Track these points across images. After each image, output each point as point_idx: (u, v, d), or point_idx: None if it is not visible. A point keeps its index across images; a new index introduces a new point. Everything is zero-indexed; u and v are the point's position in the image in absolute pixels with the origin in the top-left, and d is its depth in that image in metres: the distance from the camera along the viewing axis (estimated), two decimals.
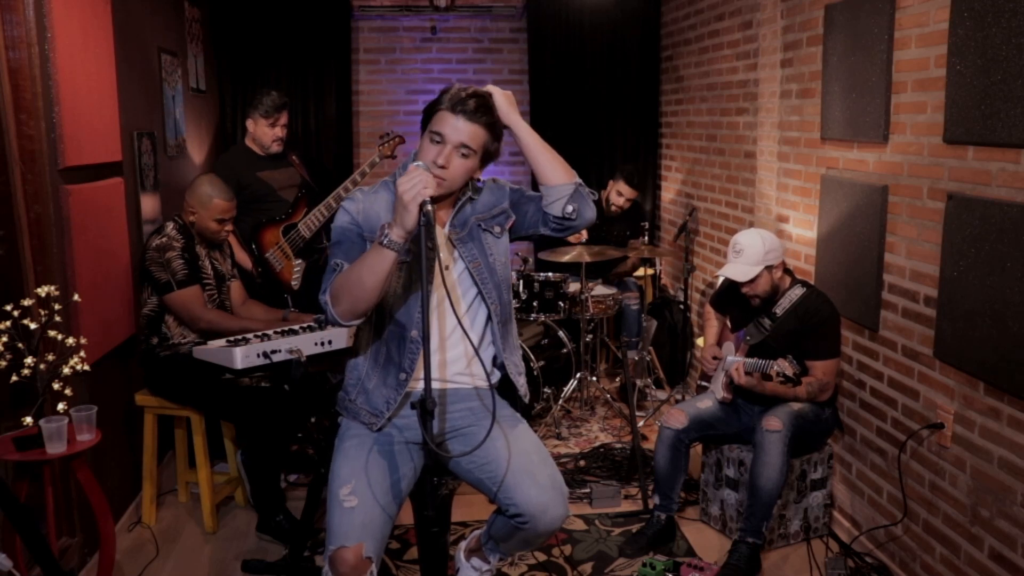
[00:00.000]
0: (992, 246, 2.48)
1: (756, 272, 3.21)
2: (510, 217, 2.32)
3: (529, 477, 2.17)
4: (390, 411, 2.24)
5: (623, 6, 5.71)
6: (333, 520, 2.11)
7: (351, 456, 2.21)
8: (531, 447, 2.26)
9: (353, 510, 2.10)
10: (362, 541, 2.07)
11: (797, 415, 3.19)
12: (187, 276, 3.35)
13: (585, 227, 2.36)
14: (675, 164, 5.57)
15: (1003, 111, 2.40)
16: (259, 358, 3.12)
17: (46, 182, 2.84)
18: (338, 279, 2.10)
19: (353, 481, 2.14)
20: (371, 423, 2.26)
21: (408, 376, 2.22)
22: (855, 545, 3.27)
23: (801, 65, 3.70)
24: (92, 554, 3.08)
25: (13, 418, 2.65)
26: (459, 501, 2.71)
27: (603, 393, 4.89)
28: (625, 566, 3.21)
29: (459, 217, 2.28)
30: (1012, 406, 2.46)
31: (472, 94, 2.11)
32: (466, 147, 2.10)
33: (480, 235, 2.27)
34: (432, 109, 2.14)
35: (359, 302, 2.05)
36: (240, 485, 3.71)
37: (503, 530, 2.29)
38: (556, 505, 2.17)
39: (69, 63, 2.96)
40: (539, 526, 2.16)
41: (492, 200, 2.33)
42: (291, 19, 5.48)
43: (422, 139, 2.16)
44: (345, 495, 2.12)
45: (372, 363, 2.28)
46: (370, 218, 2.18)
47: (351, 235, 2.18)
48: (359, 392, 2.29)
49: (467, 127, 2.09)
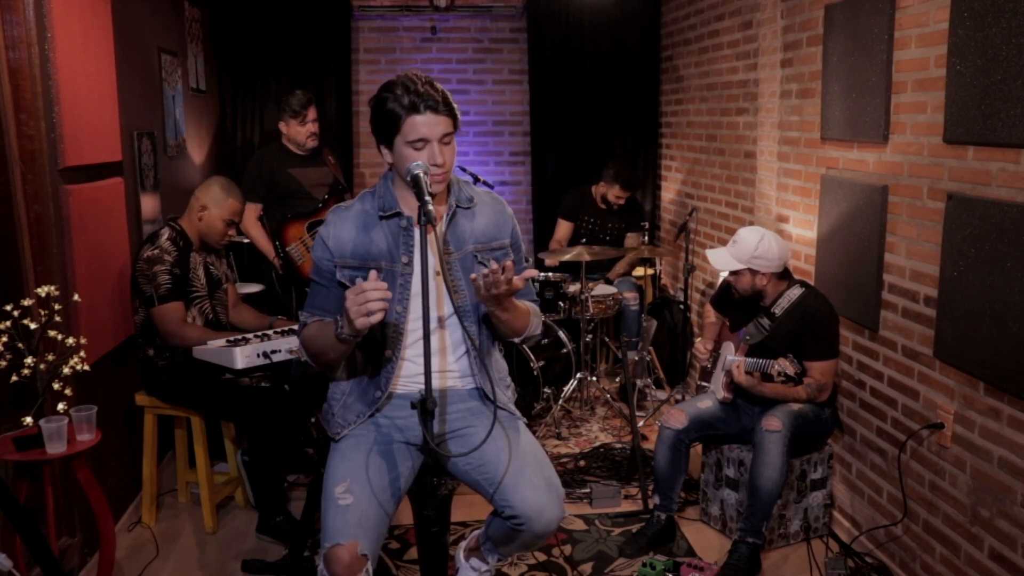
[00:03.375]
0: (992, 246, 2.48)
1: (735, 267, 3.23)
2: (508, 256, 2.28)
3: (525, 479, 2.17)
4: (372, 408, 2.27)
5: (623, 6, 5.71)
6: (328, 518, 2.11)
7: (347, 455, 2.21)
8: (528, 448, 2.25)
9: (348, 508, 2.09)
10: (357, 539, 2.06)
11: (797, 415, 3.19)
12: (169, 292, 3.30)
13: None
14: (675, 164, 5.57)
15: (1003, 111, 2.40)
16: (259, 358, 3.12)
17: (46, 182, 2.83)
18: (304, 337, 2.23)
19: (348, 479, 2.14)
20: (337, 432, 2.31)
21: (383, 394, 2.26)
22: (855, 545, 3.27)
23: (801, 65, 3.70)
24: (92, 554, 3.08)
25: (13, 418, 2.65)
26: (459, 501, 2.71)
27: (603, 393, 4.89)
28: (625, 566, 3.21)
29: (455, 231, 2.24)
30: (1012, 406, 2.46)
31: (417, 89, 2.07)
32: (446, 134, 2.11)
33: (474, 267, 2.23)
34: (392, 124, 2.09)
35: (325, 365, 2.25)
36: (240, 485, 3.71)
37: (500, 532, 2.28)
38: (552, 507, 2.17)
39: (69, 63, 2.96)
40: (535, 528, 2.16)
41: (494, 229, 2.29)
42: (291, 19, 5.48)
43: (394, 154, 2.13)
44: (340, 493, 2.12)
45: (352, 383, 2.32)
46: (340, 242, 2.21)
47: (325, 274, 2.23)
48: (342, 408, 2.32)
49: (437, 118, 2.08)
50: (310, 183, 4.49)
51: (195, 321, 3.40)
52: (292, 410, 3.35)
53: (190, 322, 3.37)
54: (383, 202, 2.21)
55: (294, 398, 3.30)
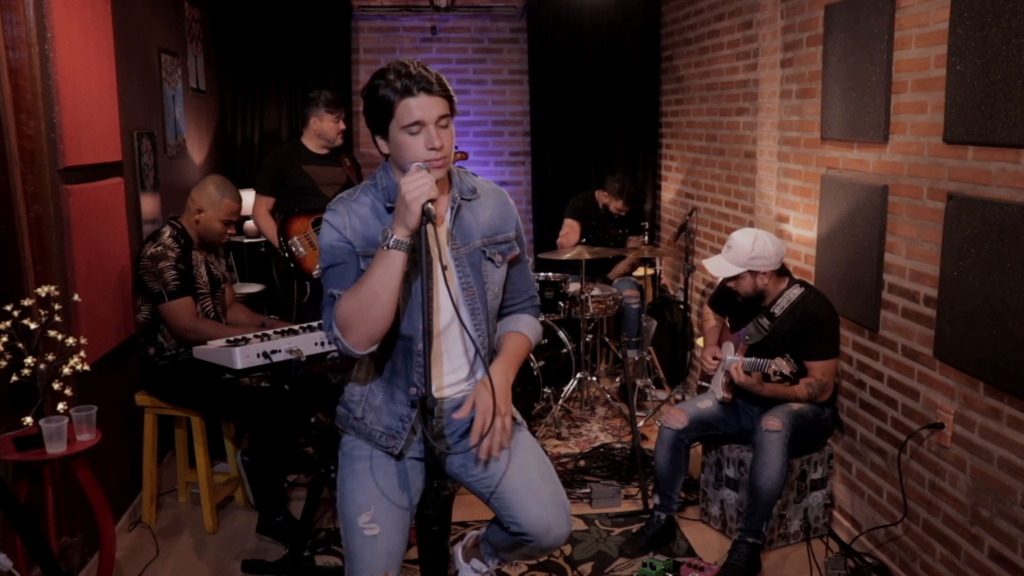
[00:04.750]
0: (992, 246, 2.48)
1: (734, 272, 3.22)
2: (514, 250, 2.23)
3: (531, 495, 2.12)
4: (407, 429, 2.15)
5: (623, 6, 5.71)
6: (355, 548, 2.07)
7: (363, 480, 2.13)
8: (532, 461, 2.19)
9: (376, 538, 2.06)
10: (388, 570, 2.05)
11: (797, 415, 3.19)
12: (178, 287, 3.32)
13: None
14: (675, 164, 5.57)
15: (1003, 111, 2.40)
16: (259, 358, 3.12)
17: (46, 182, 2.83)
18: (344, 305, 1.97)
19: (372, 508, 2.09)
20: (390, 446, 2.16)
21: (419, 391, 2.09)
22: (855, 545, 3.27)
23: (801, 65, 3.70)
24: (92, 554, 3.08)
25: (13, 418, 2.65)
26: (459, 501, 2.71)
27: (603, 393, 4.89)
28: (625, 566, 3.21)
29: (461, 225, 2.15)
30: (1012, 406, 2.46)
31: (409, 72, 1.98)
32: (442, 116, 2.00)
33: (482, 263, 2.16)
34: (385, 110, 1.99)
35: (376, 321, 1.95)
36: (240, 485, 3.71)
37: (503, 542, 2.25)
38: (560, 524, 2.13)
39: (69, 63, 2.96)
40: (543, 544, 2.13)
41: (499, 222, 2.21)
42: (291, 19, 5.48)
43: (390, 143, 2.03)
44: (366, 523, 2.07)
45: (376, 378, 2.17)
46: (356, 230, 2.07)
47: (343, 253, 2.06)
48: (366, 409, 2.18)
49: (432, 100, 1.98)
50: (323, 181, 4.53)
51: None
52: (292, 410, 3.35)
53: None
54: (387, 194, 2.11)
55: (294, 398, 3.30)
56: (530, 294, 2.34)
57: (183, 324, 3.32)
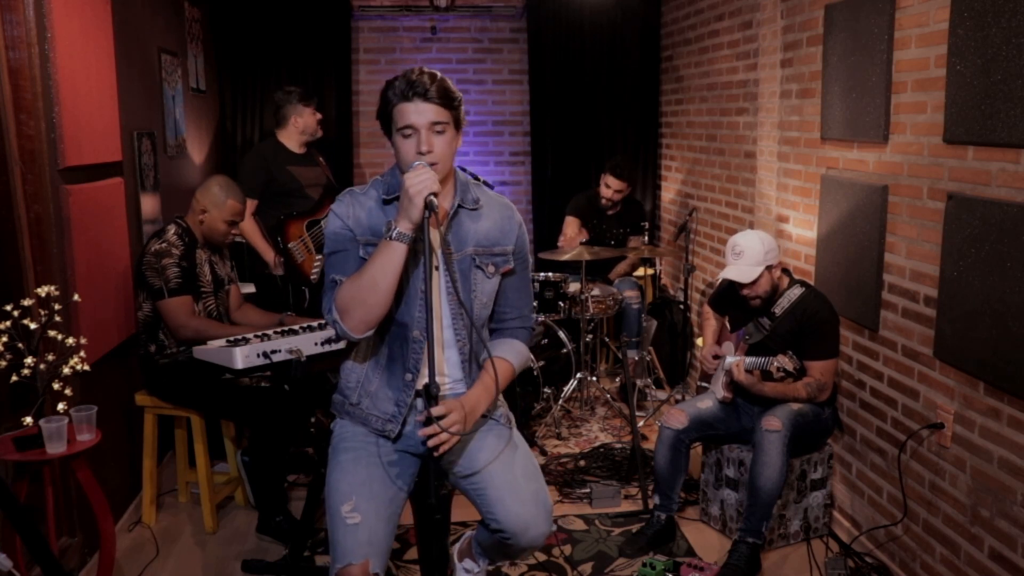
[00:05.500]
0: (992, 246, 2.48)
1: (758, 273, 3.21)
2: (508, 263, 2.25)
3: (512, 492, 2.15)
4: (403, 413, 2.18)
5: (623, 6, 5.71)
6: (337, 537, 2.09)
7: (348, 470, 2.17)
8: (519, 461, 2.22)
9: (357, 527, 2.07)
10: (368, 557, 2.05)
11: (797, 415, 3.19)
12: (180, 285, 3.32)
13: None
14: (675, 164, 5.57)
15: (1003, 111, 2.40)
16: (259, 358, 3.12)
17: (46, 182, 2.84)
18: (344, 290, 2.06)
19: (354, 497, 2.11)
20: (387, 431, 2.20)
21: (415, 376, 2.16)
22: (855, 545, 3.27)
23: (801, 65, 3.70)
24: (92, 554, 3.08)
25: (13, 418, 2.65)
26: (459, 501, 2.71)
27: (603, 393, 4.89)
28: (625, 566, 3.21)
29: (457, 232, 2.19)
30: (1012, 406, 2.46)
31: (411, 78, 2.05)
32: (437, 123, 2.06)
33: (471, 270, 2.20)
34: (386, 111, 2.09)
35: (374, 308, 2.04)
36: (240, 485, 3.71)
37: (488, 541, 2.28)
38: (539, 523, 2.16)
39: (69, 63, 2.96)
40: (521, 542, 2.16)
41: (498, 233, 2.24)
42: (291, 19, 5.48)
43: (393, 144, 2.11)
44: (347, 512, 2.09)
45: (373, 364, 2.22)
46: (359, 219, 2.15)
47: (344, 240, 2.15)
48: (362, 395, 2.23)
49: (428, 106, 2.04)
50: (307, 182, 4.50)
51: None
52: (292, 410, 3.35)
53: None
54: (389, 188, 2.18)
55: (294, 398, 3.30)
56: (523, 312, 2.34)
57: (179, 321, 3.32)
